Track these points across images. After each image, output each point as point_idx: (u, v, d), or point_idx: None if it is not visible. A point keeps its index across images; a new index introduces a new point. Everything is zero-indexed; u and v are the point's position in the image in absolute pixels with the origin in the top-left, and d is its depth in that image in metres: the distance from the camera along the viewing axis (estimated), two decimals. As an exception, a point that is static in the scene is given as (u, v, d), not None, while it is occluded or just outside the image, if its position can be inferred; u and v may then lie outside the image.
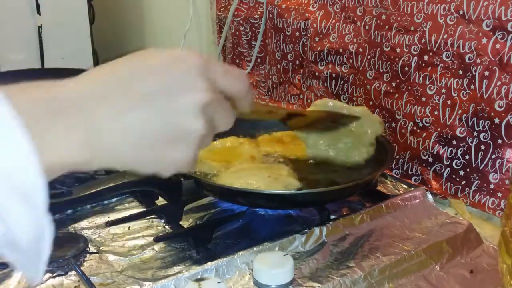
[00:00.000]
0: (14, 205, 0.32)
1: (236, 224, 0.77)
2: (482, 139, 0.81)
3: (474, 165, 0.82)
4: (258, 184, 0.76)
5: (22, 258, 0.34)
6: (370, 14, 0.97)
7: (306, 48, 1.15)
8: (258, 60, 1.33)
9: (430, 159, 0.89)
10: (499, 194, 0.80)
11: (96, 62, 1.73)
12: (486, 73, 0.78)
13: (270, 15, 1.22)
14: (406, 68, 0.91)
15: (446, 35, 0.83)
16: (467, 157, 0.83)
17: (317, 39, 1.10)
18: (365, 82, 1.01)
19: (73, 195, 0.65)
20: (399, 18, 0.91)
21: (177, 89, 0.40)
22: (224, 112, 0.45)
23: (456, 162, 0.85)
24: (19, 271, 0.35)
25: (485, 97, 0.79)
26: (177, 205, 0.76)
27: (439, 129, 0.87)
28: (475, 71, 0.80)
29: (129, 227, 0.76)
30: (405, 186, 0.89)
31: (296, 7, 1.15)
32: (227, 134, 0.93)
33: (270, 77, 1.29)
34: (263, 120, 0.71)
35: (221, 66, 0.45)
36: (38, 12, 1.53)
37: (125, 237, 0.74)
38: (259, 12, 1.28)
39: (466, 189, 0.84)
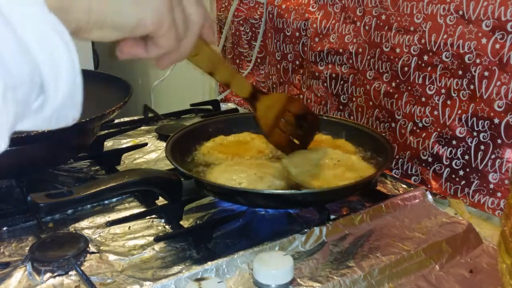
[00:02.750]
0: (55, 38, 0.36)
1: (236, 224, 0.77)
2: (481, 139, 0.81)
3: (473, 165, 0.82)
4: (240, 181, 0.77)
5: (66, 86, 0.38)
6: (370, 14, 0.97)
7: (306, 49, 1.15)
8: (258, 60, 1.33)
9: (430, 159, 0.89)
10: (499, 194, 0.80)
11: (97, 63, 1.73)
12: (486, 73, 0.78)
13: (270, 16, 1.22)
14: (406, 68, 0.91)
15: (445, 35, 0.83)
16: (466, 157, 0.83)
17: (317, 39, 1.10)
18: (365, 82, 1.01)
19: (74, 195, 0.65)
20: (398, 19, 0.91)
21: None
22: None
23: (456, 162, 0.85)
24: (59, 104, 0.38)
25: (485, 97, 0.79)
26: (177, 205, 0.76)
27: (438, 129, 0.87)
28: (475, 71, 0.80)
29: (130, 227, 0.77)
30: (404, 186, 0.90)
31: (296, 7, 1.15)
32: (241, 130, 0.97)
33: (270, 77, 1.29)
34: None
35: None
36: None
37: (126, 237, 0.74)
38: (259, 13, 1.28)
39: (466, 189, 0.84)
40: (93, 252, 0.70)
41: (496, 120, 0.78)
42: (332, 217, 0.75)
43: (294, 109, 0.83)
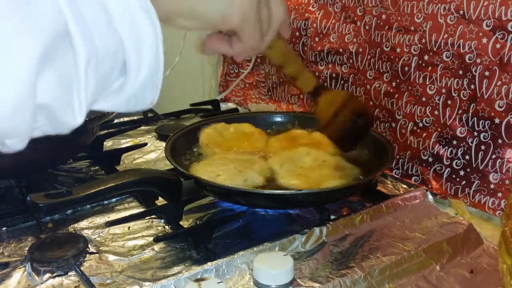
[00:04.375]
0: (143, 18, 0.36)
1: (236, 224, 0.77)
2: (482, 139, 0.81)
3: (474, 165, 0.82)
4: (218, 173, 0.78)
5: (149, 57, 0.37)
6: (370, 14, 0.97)
7: (306, 48, 1.15)
8: (258, 60, 1.33)
9: (430, 159, 0.89)
10: (499, 194, 0.79)
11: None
12: (486, 73, 0.78)
13: (270, 15, 1.22)
14: (406, 68, 0.91)
15: (446, 35, 0.83)
16: (467, 157, 0.83)
17: (317, 39, 1.10)
18: (365, 82, 1.00)
19: (73, 195, 0.64)
20: (399, 18, 0.91)
21: None
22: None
23: (456, 162, 0.85)
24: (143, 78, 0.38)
25: (485, 97, 0.79)
26: (177, 205, 0.76)
27: (439, 129, 0.87)
28: (475, 71, 0.80)
29: (129, 227, 0.76)
30: (405, 186, 0.89)
31: (296, 7, 1.15)
32: (242, 121, 0.99)
33: (270, 77, 1.29)
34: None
35: None
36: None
37: (125, 237, 0.74)
38: (259, 12, 1.28)
39: (466, 189, 0.84)
40: (92, 253, 0.70)
41: (497, 120, 0.78)
42: (332, 217, 0.75)
43: (352, 106, 0.81)
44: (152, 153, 1.05)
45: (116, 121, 1.18)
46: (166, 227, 0.77)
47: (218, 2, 0.45)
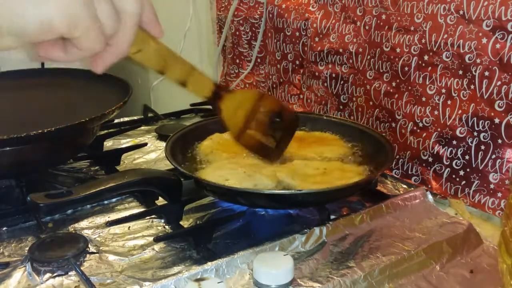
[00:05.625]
0: None
1: (236, 224, 0.77)
2: (482, 139, 0.81)
3: (474, 165, 0.82)
4: (227, 177, 0.76)
5: None
6: (370, 14, 0.97)
7: (306, 48, 1.15)
8: (258, 60, 1.33)
9: (430, 159, 0.89)
10: (499, 194, 0.80)
11: (96, 62, 1.72)
12: (486, 73, 0.78)
13: (270, 15, 1.22)
14: (406, 68, 0.91)
15: (446, 35, 0.83)
16: (467, 157, 0.83)
17: (317, 39, 1.10)
18: (365, 82, 1.00)
19: (73, 195, 0.64)
20: (399, 18, 0.91)
21: None
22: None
23: (456, 162, 0.85)
24: None
25: (485, 97, 0.79)
26: (177, 205, 0.76)
27: (439, 129, 0.87)
28: (475, 71, 0.80)
29: (129, 227, 0.76)
30: (405, 186, 0.89)
31: (296, 7, 1.15)
32: None
33: (270, 77, 1.29)
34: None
35: None
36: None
37: (125, 237, 0.74)
38: (259, 12, 1.28)
39: (466, 189, 0.84)
40: (92, 252, 0.70)
41: (497, 120, 0.78)
42: (332, 217, 0.75)
43: (267, 107, 0.73)
44: (152, 153, 1.05)
45: (116, 121, 1.18)
46: (166, 227, 0.77)
47: (30, 8, 0.37)
